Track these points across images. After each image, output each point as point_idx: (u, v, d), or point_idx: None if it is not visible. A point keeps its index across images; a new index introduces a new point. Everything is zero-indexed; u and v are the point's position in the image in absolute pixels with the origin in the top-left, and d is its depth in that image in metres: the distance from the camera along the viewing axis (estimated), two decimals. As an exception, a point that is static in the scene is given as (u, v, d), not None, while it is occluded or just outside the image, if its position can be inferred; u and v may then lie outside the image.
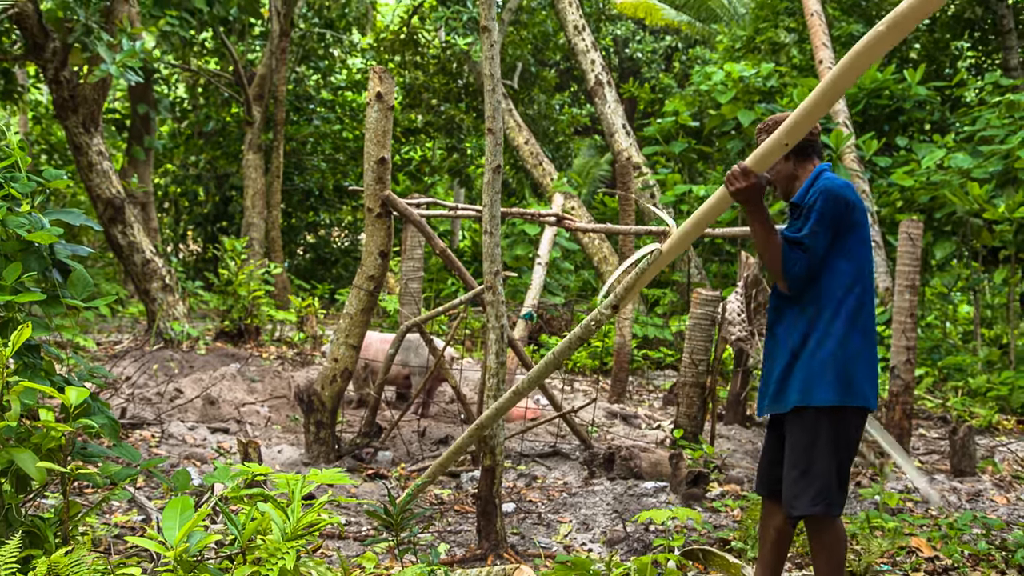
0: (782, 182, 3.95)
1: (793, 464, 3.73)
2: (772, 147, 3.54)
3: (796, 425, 3.74)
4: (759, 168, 3.62)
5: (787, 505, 3.74)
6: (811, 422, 3.70)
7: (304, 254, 24.12)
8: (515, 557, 4.88)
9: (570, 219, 9.51)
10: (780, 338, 3.84)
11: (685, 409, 7.82)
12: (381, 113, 6.59)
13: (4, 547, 2.82)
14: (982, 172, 11.57)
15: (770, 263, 3.74)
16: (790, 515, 3.74)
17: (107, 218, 11.28)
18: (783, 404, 3.77)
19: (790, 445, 3.76)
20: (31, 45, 10.50)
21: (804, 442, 3.72)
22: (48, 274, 3.59)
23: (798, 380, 3.72)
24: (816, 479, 3.68)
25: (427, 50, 19.73)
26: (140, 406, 8.33)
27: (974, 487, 6.96)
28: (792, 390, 3.73)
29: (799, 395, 3.71)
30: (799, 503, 3.69)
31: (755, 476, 4.14)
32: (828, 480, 3.68)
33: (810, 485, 3.68)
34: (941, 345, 12.16)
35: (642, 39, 25.22)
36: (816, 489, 3.67)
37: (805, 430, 3.72)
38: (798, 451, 3.72)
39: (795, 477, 3.71)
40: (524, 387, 4.30)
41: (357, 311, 6.93)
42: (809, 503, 3.67)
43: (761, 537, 4.08)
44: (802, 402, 3.69)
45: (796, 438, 3.74)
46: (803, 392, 3.70)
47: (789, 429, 3.78)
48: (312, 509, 3.08)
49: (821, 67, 13.43)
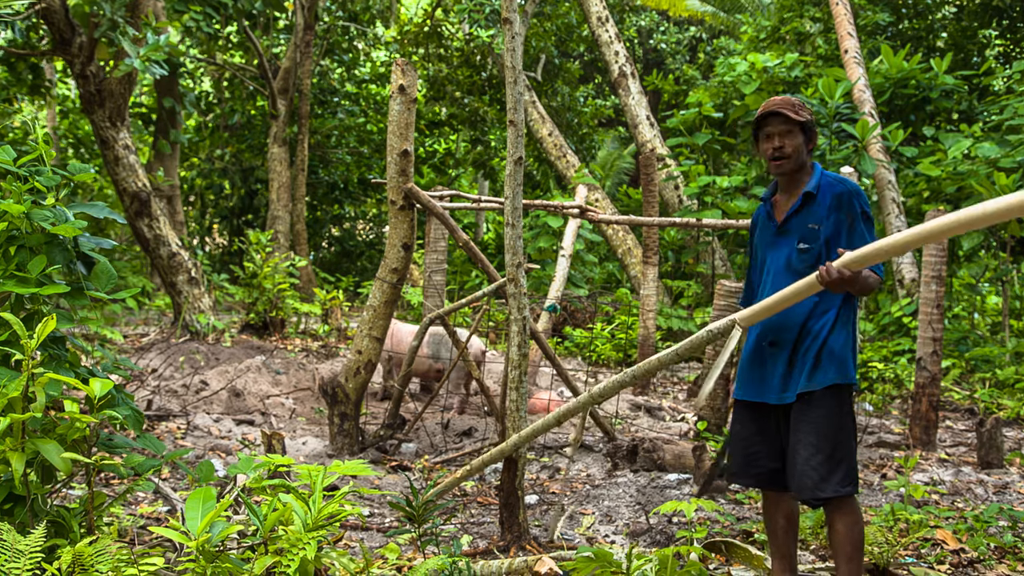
0: (794, 160, 3.94)
1: (817, 448, 3.73)
2: (868, 255, 3.47)
3: (825, 403, 3.77)
4: (853, 267, 3.53)
5: (812, 489, 3.73)
6: (838, 400, 3.79)
7: (329, 247, 24.20)
8: (537, 549, 4.89)
9: (593, 211, 9.51)
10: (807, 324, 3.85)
11: (709, 401, 7.79)
12: (404, 106, 6.59)
13: (29, 537, 2.86)
14: (1009, 162, 11.43)
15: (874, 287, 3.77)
16: (816, 498, 3.73)
17: (133, 211, 11.37)
18: (818, 382, 3.78)
19: (811, 430, 3.75)
20: (58, 40, 10.58)
21: (830, 423, 3.76)
22: (72, 267, 3.62)
23: (836, 359, 3.80)
24: (843, 460, 3.74)
25: (451, 42, 19.73)
26: (166, 398, 8.39)
27: (1001, 479, 6.90)
28: (829, 369, 3.78)
29: (837, 373, 3.78)
30: (827, 486, 3.70)
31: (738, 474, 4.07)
32: (853, 459, 3.77)
33: (838, 467, 3.72)
34: (969, 336, 12.04)
35: (666, 30, 25.12)
36: (844, 470, 3.73)
37: (836, 408, 3.78)
38: (823, 434, 3.74)
39: (821, 461, 3.72)
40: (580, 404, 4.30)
41: (380, 303, 6.95)
42: (839, 484, 3.71)
43: (769, 529, 4.11)
44: (840, 379, 3.77)
45: (820, 420, 3.75)
46: (840, 370, 3.79)
47: (809, 413, 3.78)
48: (333, 500, 3.09)
49: (846, 56, 13.34)
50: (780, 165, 3.95)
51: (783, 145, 3.92)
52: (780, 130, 3.93)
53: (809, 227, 3.90)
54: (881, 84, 13.78)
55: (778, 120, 3.93)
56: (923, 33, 17.14)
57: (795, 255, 3.92)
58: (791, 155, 3.92)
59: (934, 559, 4.87)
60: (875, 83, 13.56)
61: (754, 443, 3.99)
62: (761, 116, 3.98)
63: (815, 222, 3.89)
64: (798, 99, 4.00)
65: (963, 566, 4.82)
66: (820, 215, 3.89)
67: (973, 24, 17.14)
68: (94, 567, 2.90)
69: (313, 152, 21.30)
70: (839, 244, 3.82)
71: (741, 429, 4.04)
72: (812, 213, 3.91)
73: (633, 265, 14.45)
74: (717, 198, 13.59)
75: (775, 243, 4.02)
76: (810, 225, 3.91)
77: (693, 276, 14.75)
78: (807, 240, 3.90)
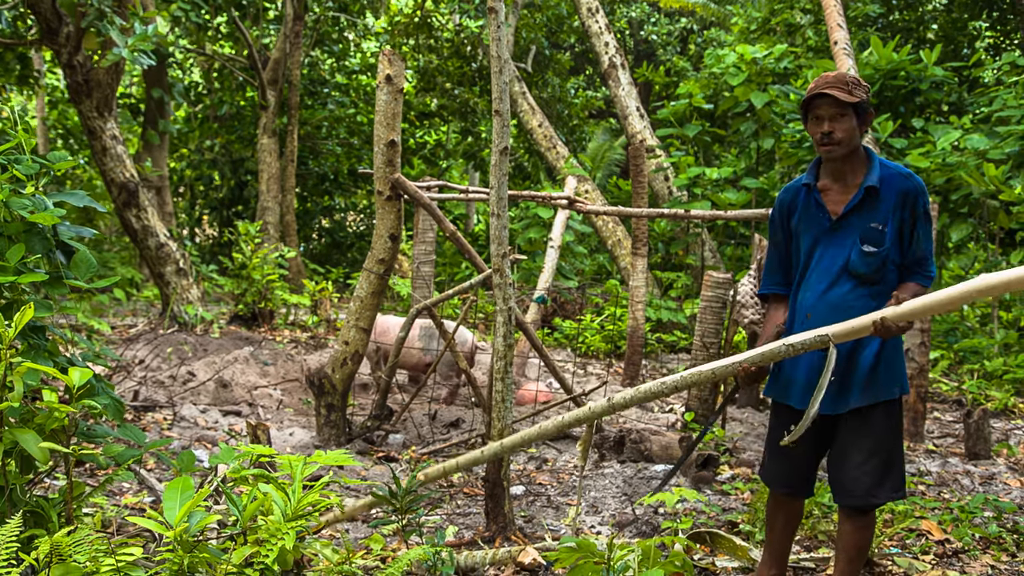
0: (846, 146, 3.64)
1: (873, 453, 3.65)
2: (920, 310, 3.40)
3: (884, 416, 3.67)
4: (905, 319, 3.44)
5: (865, 496, 3.64)
6: (896, 410, 3.70)
7: (319, 238, 24.15)
8: (523, 539, 4.88)
9: (582, 202, 9.49)
10: None
11: (696, 392, 7.79)
12: (391, 95, 6.57)
13: (5, 526, 2.84)
14: (999, 153, 11.45)
15: None
16: (869, 505, 3.66)
17: (121, 202, 11.32)
18: (876, 396, 3.65)
19: (871, 435, 3.66)
20: (45, 30, 10.52)
21: (893, 431, 3.70)
22: (52, 255, 3.60)
23: (895, 371, 3.69)
24: (895, 466, 3.68)
25: (441, 33, 19.67)
26: (153, 389, 8.37)
27: (988, 471, 6.92)
28: (890, 382, 3.67)
29: (899, 387, 3.69)
30: (882, 492, 3.65)
31: (768, 474, 3.95)
32: (903, 465, 3.72)
33: (890, 473, 3.66)
34: (958, 328, 12.06)
35: (657, 21, 25.07)
36: (897, 477, 3.68)
37: (894, 420, 3.70)
38: (882, 440, 3.67)
39: (876, 466, 3.64)
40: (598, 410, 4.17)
41: (367, 294, 6.93)
42: (891, 490, 3.66)
43: (770, 525, 4.04)
44: (902, 390, 3.70)
45: (884, 429, 3.67)
46: (900, 384, 3.69)
47: (873, 421, 3.67)
48: (313, 490, 3.08)
49: (836, 48, 13.29)
50: (830, 151, 3.63)
51: (832, 131, 3.59)
52: (831, 113, 3.60)
53: (872, 227, 3.63)
54: (871, 76, 13.78)
55: (827, 102, 3.59)
56: (913, 25, 17.16)
57: (858, 257, 3.65)
58: (842, 141, 3.61)
59: (919, 550, 4.88)
60: (865, 74, 13.55)
61: (805, 451, 3.81)
62: (809, 97, 3.65)
63: (879, 221, 3.63)
64: (853, 76, 3.64)
65: (948, 556, 4.83)
66: (884, 214, 3.63)
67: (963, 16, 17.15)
68: (72, 557, 2.88)
69: (303, 143, 21.24)
70: (899, 247, 3.66)
71: (777, 430, 3.85)
72: (875, 211, 3.64)
73: (623, 256, 14.44)
74: (707, 189, 13.58)
75: (830, 239, 3.73)
76: (873, 224, 3.63)
77: (682, 267, 14.74)
78: (872, 242, 3.63)
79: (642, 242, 10.30)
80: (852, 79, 3.65)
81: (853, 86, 3.63)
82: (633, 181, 10.39)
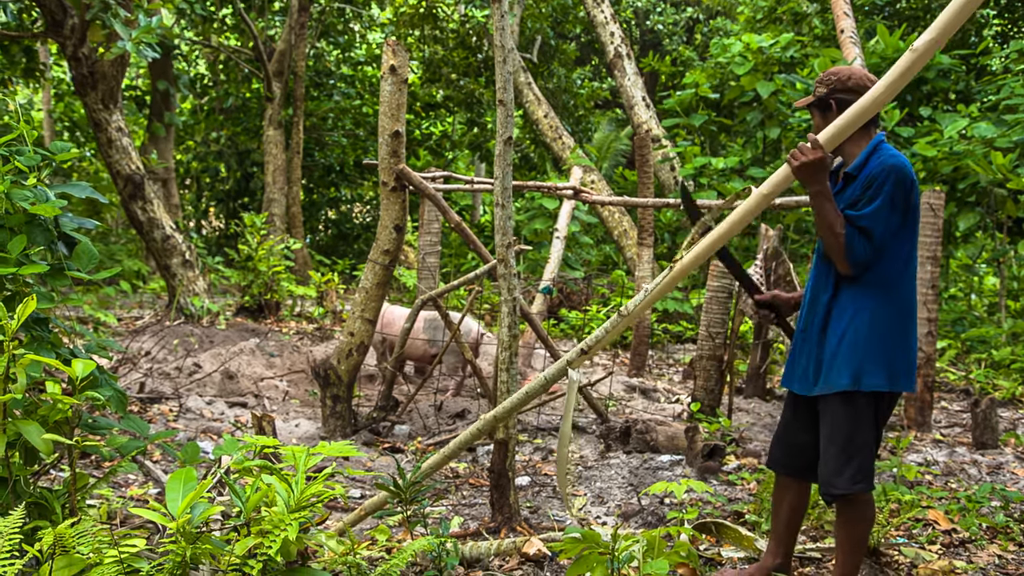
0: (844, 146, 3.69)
1: (831, 441, 3.63)
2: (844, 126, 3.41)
3: (839, 407, 3.61)
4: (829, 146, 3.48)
5: (826, 484, 3.64)
6: (858, 406, 3.60)
7: (325, 230, 24.16)
8: (528, 530, 4.87)
9: (587, 192, 9.46)
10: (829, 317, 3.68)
11: (703, 382, 7.78)
12: (395, 86, 6.55)
13: (8, 517, 2.83)
14: (1006, 141, 11.40)
15: (833, 248, 3.56)
16: (829, 494, 3.64)
17: (127, 194, 11.34)
18: (830, 385, 3.62)
19: (830, 424, 3.64)
20: (50, 22, 10.53)
21: (848, 423, 3.61)
22: (54, 247, 3.59)
23: (850, 364, 3.58)
24: (855, 458, 3.60)
25: (446, 24, 19.63)
26: (159, 380, 8.37)
27: (995, 460, 6.89)
28: (842, 374, 3.59)
29: (850, 380, 3.57)
30: (840, 481, 3.60)
31: (772, 456, 4.02)
32: (867, 457, 3.62)
33: (850, 463, 3.59)
34: (965, 317, 12.03)
35: (663, 11, 24.98)
36: (856, 466, 3.60)
37: (849, 412, 3.61)
38: (838, 430, 3.62)
39: (834, 455, 3.62)
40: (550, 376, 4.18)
41: (372, 285, 6.93)
42: (850, 481, 3.59)
43: (775, 512, 4.04)
44: (853, 387, 3.57)
45: (839, 419, 3.62)
46: (854, 377, 3.57)
47: (830, 409, 3.65)
48: (316, 481, 3.07)
49: (842, 37, 13.24)
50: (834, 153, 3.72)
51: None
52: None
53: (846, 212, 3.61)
54: (877, 64, 13.71)
55: None
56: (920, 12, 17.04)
57: None
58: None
59: (925, 539, 4.86)
60: (871, 63, 13.48)
61: (790, 430, 3.93)
62: None
63: (850, 207, 3.61)
64: (825, 74, 3.74)
65: (954, 546, 4.81)
66: (854, 199, 3.61)
67: (971, 4, 17.00)
68: (75, 549, 2.88)
69: (309, 135, 21.23)
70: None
71: (786, 415, 3.96)
72: (849, 197, 3.64)
73: (629, 247, 14.42)
74: (713, 179, 13.54)
75: None
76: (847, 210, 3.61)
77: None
78: None
79: (648, 232, 10.27)
80: (820, 78, 3.79)
81: (817, 84, 3.80)
82: (639, 171, 10.36)
